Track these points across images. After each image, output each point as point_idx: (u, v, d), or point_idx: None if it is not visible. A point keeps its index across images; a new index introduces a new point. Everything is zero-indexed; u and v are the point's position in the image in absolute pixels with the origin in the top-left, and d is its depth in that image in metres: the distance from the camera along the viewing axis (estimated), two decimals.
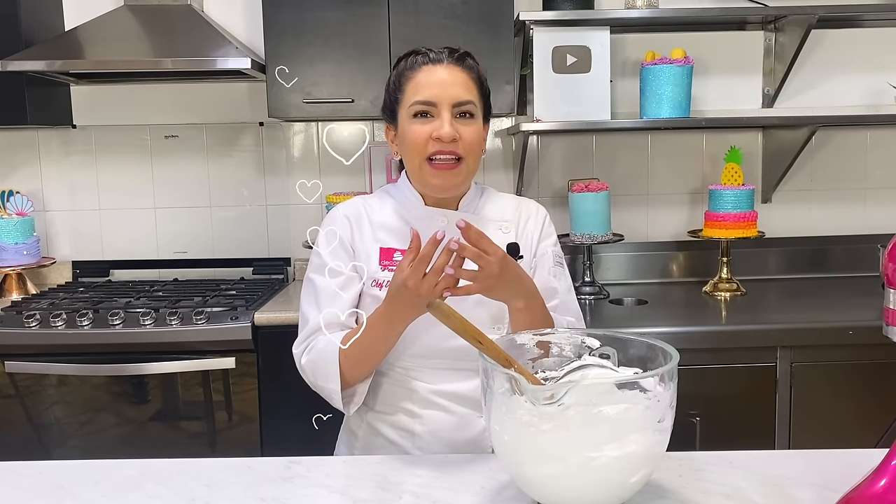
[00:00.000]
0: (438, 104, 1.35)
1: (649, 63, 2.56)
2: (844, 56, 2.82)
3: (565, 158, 2.88)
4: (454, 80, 1.36)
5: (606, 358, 1.11)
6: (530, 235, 1.49)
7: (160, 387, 2.33)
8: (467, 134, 1.36)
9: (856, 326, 2.21)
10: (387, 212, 1.46)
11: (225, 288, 2.66)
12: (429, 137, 1.34)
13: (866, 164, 2.88)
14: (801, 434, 2.23)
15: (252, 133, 2.90)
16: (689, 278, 2.85)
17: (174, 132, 2.89)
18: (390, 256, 1.42)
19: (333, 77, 2.51)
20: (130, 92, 2.87)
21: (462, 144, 1.35)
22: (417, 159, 1.37)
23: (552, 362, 1.15)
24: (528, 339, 1.15)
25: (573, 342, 1.15)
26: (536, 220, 1.50)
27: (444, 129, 1.33)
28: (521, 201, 1.54)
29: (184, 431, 2.35)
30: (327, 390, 1.34)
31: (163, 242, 2.94)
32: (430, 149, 1.35)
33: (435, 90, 1.35)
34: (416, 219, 1.43)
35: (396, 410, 1.41)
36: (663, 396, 0.97)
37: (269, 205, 2.92)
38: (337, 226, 1.44)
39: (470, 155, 1.38)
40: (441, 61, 1.38)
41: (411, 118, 1.36)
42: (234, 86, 2.86)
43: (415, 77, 1.37)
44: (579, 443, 0.93)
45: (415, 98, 1.35)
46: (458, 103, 1.35)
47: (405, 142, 1.38)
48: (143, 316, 2.28)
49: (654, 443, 0.96)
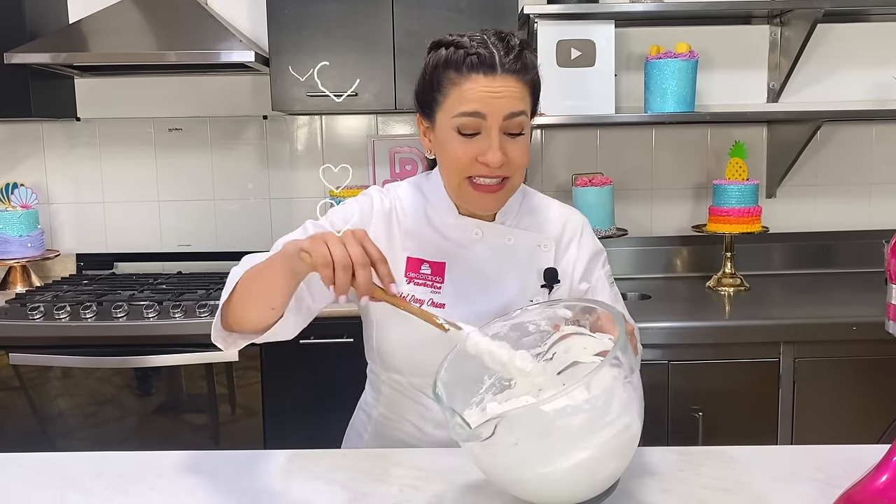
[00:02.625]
0: (488, 118, 1.18)
1: (654, 57, 2.55)
2: (850, 50, 2.80)
3: (569, 153, 2.87)
4: (508, 90, 1.18)
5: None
6: (572, 261, 1.35)
7: (164, 380, 2.34)
8: (516, 153, 1.21)
9: (859, 322, 2.21)
10: (418, 216, 1.32)
11: None
12: (474, 159, 1.20)
13: (871, 160, 2.87)
14: (804, 430, 2.23)
15: (256, 126, 2.89)
16: (692, 273, 2.84)
17: (178, 125, 2.89)
18: (417, 268, 1.30)
19: (337, 70, 2.50)
20: (134, 85, 2.87)
21: (509, 166, 1.21)
22: (457, 178, 1.23)
23: (533, 340, 1.15)
24: (500, 327, 1.14)
25: (547, 315, 1.15)
26: (581, 243, 1.37)
27: (491, 156, 1.18)
28: (562, 211, 1.39)
29: (187, 424, 2.36)
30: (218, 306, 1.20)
31: (166, 235, 2.94)
32: (475, 171, 1.21)
33: (486, 101, 1.17)
34: (448, 227, 1.31)
35: (404, 421, 1.36)
36: (611, 385, 0.93)
37: (272, 198, 2.92)
38: (368, 212, 1.31)
39: (517, 172, 1.24)
40: (494, 68, 1.18)
41: (454, 130, 1.20)
42: (237, 79, 2.86)
43: (462, 84, 1.18)
44: (526, 465, 0.93)
45: (460, 108, 1.18)
46: (511, 115, 1.19)
47: (444, 155, 1.24)
48: (147, 309, 2.29)
49: (611, 437, 0.93)
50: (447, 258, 1.31)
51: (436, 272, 1.30)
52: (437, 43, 1.24)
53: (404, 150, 2.87)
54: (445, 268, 1.30)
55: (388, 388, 1.37)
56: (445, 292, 1.29)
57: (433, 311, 1.12)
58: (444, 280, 1.30)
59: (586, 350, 1.09)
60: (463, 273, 1.30)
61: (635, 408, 0.96)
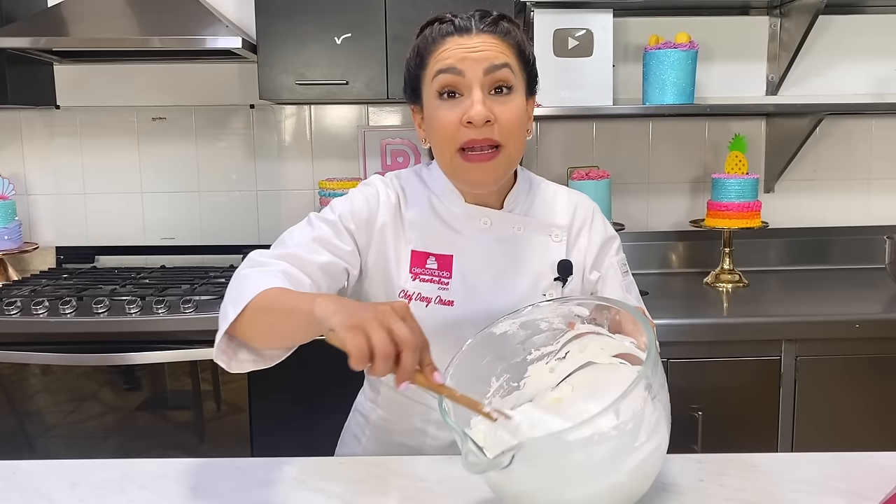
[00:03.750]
0: (466, 74, 1.12)
1: (653, 47, 2.48)
2: (849, 43, 2.74)
3: (565, 145, 2.81)
4: (485, 45, 1.13)
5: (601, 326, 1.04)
6: (583, 250, 1.28)
7: (146, 377, 2.25)
8: (505, 113, 1.13)
9: (862, 320, 2.16)
10: (421, 206, 1.25)
11: (214, 276, 2.58)
12: (459, 123, 1.12)
13: (871, 154, 2.82)
14: (805, 429, 2.18)
15: (242, 116, 2.81)
16: (689, 269, 2.78)
17: (162, 114, 2.80)
18: (423, 262, 1.22)
19: (327, 58, 2.43)
20: (116, 72, 2.77)
21: (499, 128, 1.13)
22: (448, 151, 1.15)
23: (544, 338, 1.09)
24: (509, 325, 1.07)
25: (561, 313, 1.07)
26: (592, 229, 1.30)
27: (473, 110, 1.10)
28: (571, 197, 1.33)
29: (171, 423, 2.28)
30: (223, 312, 1.07)
31: (150, 228, 2.85)
32: (463, 137, 1.12)
33: (462, 57, 1.12)
34: (454, 218, 1.24)
35: (406, 423, 1.29)
36: (640, 408, 0.85)
37: (259, 190, 2.84)
38: (375, 203, 1.23)
39: (510, 139, 1.14)
40: (469, 30, 1.15)
41: (437, 98, 1.15)
42: (224, 66, 2.77)
43: (437, 50, 1.15)
44: (547, 492, 0.86)
45: (437, 67, 1.14)
46: (492, 67, 1.12)
47: (432, 130, 1.17)
48: (129, 304, 2.20)
49: (641, 461, 0.86)
50: (454, 251, 1.23)
51: (443, 266, 1.22)
52: (423, 26, 1.22)
53: (396, 142, 2.80)
54: (453, 261, 1.22)
55: (387, 389, 1.29)
56: (454, 289, 1.22)
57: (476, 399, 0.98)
58: (452, 275, 1.22)
59: (603, 351, 1.03)
60: (471, 267, 1.23)
61: (664, 425, 0.90)
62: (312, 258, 1.16)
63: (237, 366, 1.08)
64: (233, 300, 1.05)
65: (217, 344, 1.06)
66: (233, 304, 1.04)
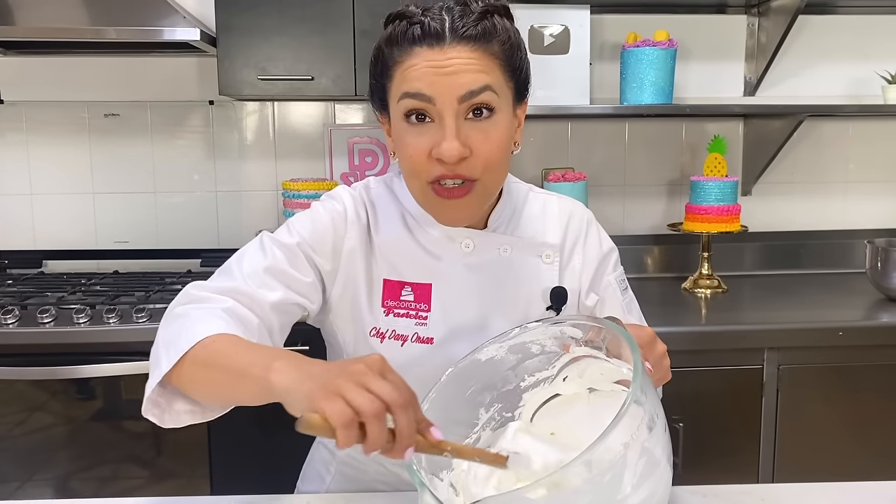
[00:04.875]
0: (437, 101, 0.94)
1: (631, 45, 2.40)
2: (826, 44, 2.70)
3: (539, 146, 2.72)
4: (462, 63, 0.94)
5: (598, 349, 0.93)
6: (577, 270, 1.14)
7: (99, 388, 2.11)
8: (483, 145, 0.96)
9: (845, 327, 2.11)
10: (394, 227, 1.08)
11: (170, 282, 2.44)
12: (428, 155, 0.96)
13: (849, 157, 2.78)
14: (788, 440, 2.13)
15: (201, 112, 2.67)
16: (667, 274, 2.72)
17: (115, 110, 2.66)
18: (397, 293, 1.06)
19: (291, 52, 2.30)
20: (66, 64, 2.62)
21: (473, 163, 0.96)
22: (417, 182, 1.00)
23: (537, 363, 0.97)
24: (496, 349, 0.95)
25: (553, 335, 0.95)
26: (587, 244, 1.15)
27: (444, 146, 0.93)
28: (563, 207, 1.16)
29: (123, 444, 2.14)
30: (155, 358, 0.92)
31: (102, 231, 2.70)
32: (433, 171, 0.96)
33: (432, 79, 0.94)
34: (431, 241, 1.08)
35: (378, 465, 1.15)
36: (622, 453, 0.72)
37: (219, 191, 2.71)
38: (341, 222, 1.06)
39: (487, 173, 0.98)
40: (441, 38, 0.94)
41: (403, 119, 0.97)
42: (181, 60, 2.63)
43: (404, 61, 0.96)
44: None
45: (402, 89, 0.96)
46: (469, 93, 0.94)
47: (400, 155, 1.00)
48: (78, 313, 2.06)
49: None
50: (433, 279, 1.07)
51: (420, 297, 1.07)
52: (388, 17, 1.01)
53: (364, 141, 2.68)
54: (432, 291, 1.07)
55: None
56: (433, 323, 1.06)
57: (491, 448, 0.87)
58: (431, 307, 1.06)
59: (603, 377, 0.93)
60: (453, 298, 1.08)
61: (662, 465, 0.77)
62: (263, 295, 0.99)
63: (171, 419, 0.93)
64: (167, 344, 0.90)
65: (147, 396, 0.90)
66: (167, 351, 0.89)
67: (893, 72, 2.53)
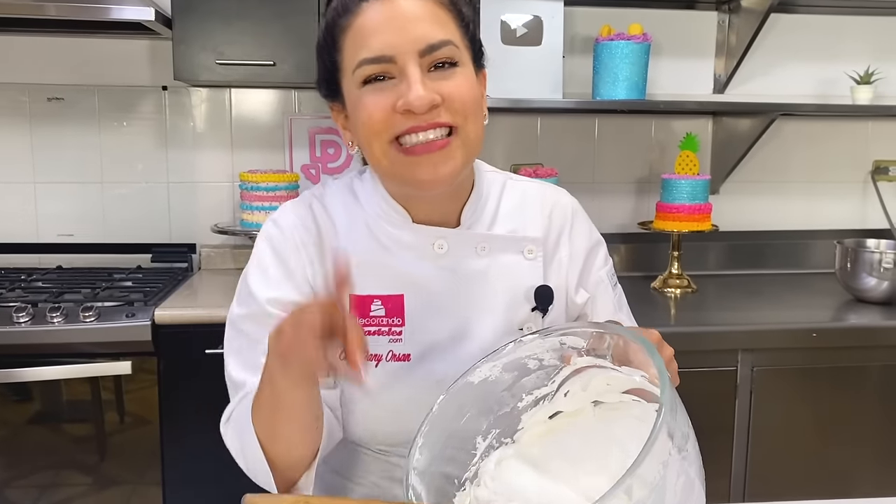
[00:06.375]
0: (398, 56, 0.87)
1: (605, 38, 2.35)
2: (796, 43, 2.69)
3: (508, 141, 2.65)
4: (416, 14, 0.88)
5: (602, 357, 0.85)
6: (564, 265, 1.05)
7: (39, 397, 1.98)
8: (453, 89, 0.88)
9: (819, 328, 2.10)
10: (357, 235, 0.99)
11: (119, 278, 2.32)
12: (391, 110, 0.87)
13: (818, 156, 2.78)
14: (761, 442, 2.11)
15: (153, 98, 2.54)
16: (635, 273, 2.68)
17: (59, 94, 2.51)
18: (366, 309, 0.97)
19: (252, 36, 2.19)
20: (5, 44, 2.46)
21: (448, 107, 0.88)
22: (379, 146, 0.90)
23: (535, 379, 0.89)
24: (489, 369, 0.86)
25: (551, 347, 0.87)
26: (573, 235, 1.08)
27: (412, 94, 0.85)
28: (545, 195, 1.08)
29: (68, 451, 2.01)
30: (255, 470, 0.91)
31: (44, 223, 2.55)
32: (398, 126, 0.88)
33: (389, 36, 0.87)
34: (400, 245, 0.98)
35: (363, 481, 1.06)
36: (661, 474, 0.65)
37: (171, 182, 2.57)
38: (284, 250, 0.98)
39: (467, 119, 0.90)
40: None
41: (360, 87, 0.89)
42: (133, 42, 2.49)
43: (353, 24, 0.89)
44: None
45: (359, 56, 0.88)
46: (429, 47, 0.87)
47: (359, 125, 0.91)
48: (18, 312, 1.92)
49: None
50: (405, 289, 0.98)
51: (392, 311, 0.97)
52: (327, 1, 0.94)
53: (326, 131, 2.57)
54: (404, 302, 0.98)
55: (341, 444, 1.04)
56: (408, 338, 0.97)
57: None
58: (405, 321, 0.97)
59: (610, 387, 0.85)
60: (428, 307, 0.98)
61: (697, 487, 0.71)
62: None
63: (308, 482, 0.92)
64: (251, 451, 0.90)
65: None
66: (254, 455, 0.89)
67: (862, 72, 2.54)
